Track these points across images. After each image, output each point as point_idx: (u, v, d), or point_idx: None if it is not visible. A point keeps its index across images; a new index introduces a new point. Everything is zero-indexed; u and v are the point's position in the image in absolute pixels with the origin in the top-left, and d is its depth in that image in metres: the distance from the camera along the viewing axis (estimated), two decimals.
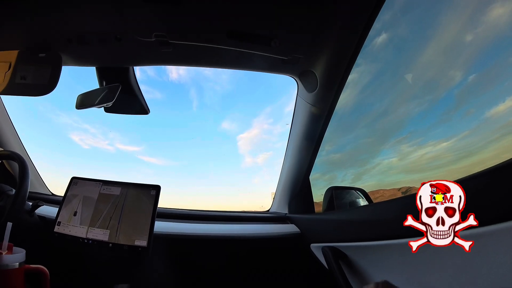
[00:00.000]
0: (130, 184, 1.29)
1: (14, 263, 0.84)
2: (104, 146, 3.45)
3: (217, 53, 1.15)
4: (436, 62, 1.18)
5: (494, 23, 0.90)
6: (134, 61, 1.24)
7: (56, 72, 1.10)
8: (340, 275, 1.01)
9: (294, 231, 1.47)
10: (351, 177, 1.83)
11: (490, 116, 0.97)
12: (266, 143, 3.54)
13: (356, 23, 0.96)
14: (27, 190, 1.08)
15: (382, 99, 1.50)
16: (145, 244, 1.14)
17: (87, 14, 1.00)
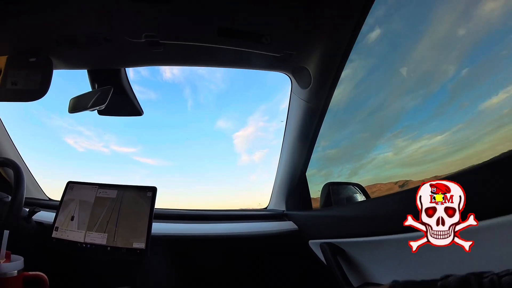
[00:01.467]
0: (126, 186, 1.28)
1: (12, 271, 0.83)
2: (99, 148, 3.43)
3: (209, 51, 1.14)
4: (430, 56, 1.18)
5: (487, 17, 0.89)
6: (125, 62, 1.23)
7: (47, 76, 1.09)
8: (339, 271, 1.02)
9: (292, 228, 1.47)
10: (347, 172, 1.84)
11: (484, 109, 0.97)
12: (262, 140, 3.53)
13: (348, 18, 0.95)
14: (23, 197, 1.07)
15: (377, 94, 1.49)
16: (143, 246, 1.14)
17: (75, 16, 0.99)
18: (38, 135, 2.84)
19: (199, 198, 3.31)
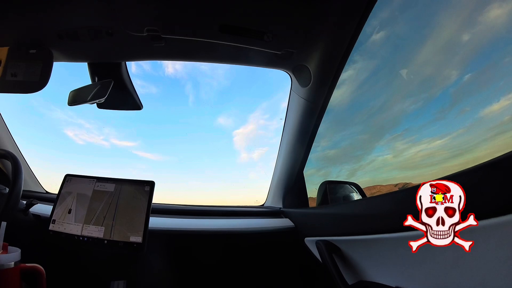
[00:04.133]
0: (124, 180, 1.28)
1: (9, 262, 0.84)
2: (99, 141, 3.42)
3: (210, 47, 1.14)
4: (433, 60, 1.18)
5: (491, 23, 0.89)
6: (127, 56, 1.22)
7: (47, 68, 1.08)
8: (334, 269, 1.03)
9: (289, 225, 1.49)
10: (345, 173, 1.85)
11: (484, 115, 0.97)
12: (262, 138, 3.53)
13: (350, 18, 0.95)
14: (21, 189, 1.07)
15: (378, 96, 1.50)
16: (140, 240, 1.15)
17: (78, 9, 0.98)
18: (36, 127, 2.82)
19: (196, 193, 3.32)
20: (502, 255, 0.54)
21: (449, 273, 0.65)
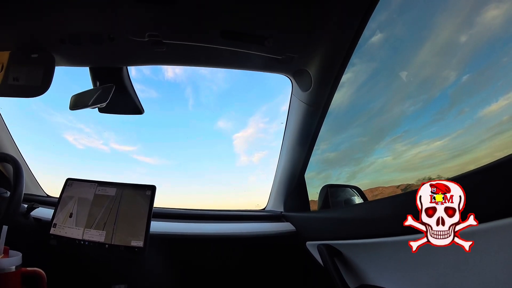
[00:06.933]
0: (125, 184, 1.28)
1: (10, 266, 0.84)
2: (99, 146, 3.42)
3: (211, 52, 1.14)
4: (431, 62, 1.18)
5: (489, 24, 0.90)
6: (128, 61, 1.23)
7: (49, 73, 1.09)
8: (335, 273, 1.02)
9: (290, 229, 1.48)
10: (345, 176, 1.84)
11: (483, 115, 0.98)
12: (262, 142, 3.53)
13: (350, 22, 0.96)
14: (22, 192, 1.07)
15: (377, 99, 1.50)
16: (141, 244, 1.15)
17: (80, 14, 0.99)
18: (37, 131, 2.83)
19: (197, 197, 3.30)
20: (503, 258, 0.53)
21: (451, 277, 0.65)
